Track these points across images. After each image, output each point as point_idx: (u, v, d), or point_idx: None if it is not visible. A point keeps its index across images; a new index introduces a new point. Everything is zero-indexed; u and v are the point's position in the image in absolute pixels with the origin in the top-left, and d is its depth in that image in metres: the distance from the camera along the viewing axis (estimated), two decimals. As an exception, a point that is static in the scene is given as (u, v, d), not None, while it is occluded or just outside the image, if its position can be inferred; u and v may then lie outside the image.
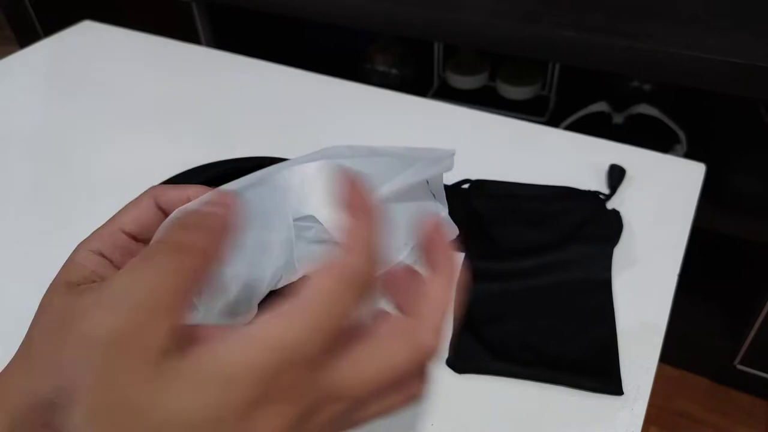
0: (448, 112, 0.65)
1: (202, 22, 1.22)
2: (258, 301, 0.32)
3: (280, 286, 0.31)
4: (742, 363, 1.16)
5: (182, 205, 0.33)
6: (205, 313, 0.33)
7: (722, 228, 1.00)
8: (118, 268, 0.32)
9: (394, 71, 1.32)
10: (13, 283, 0.46)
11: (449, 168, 0.33)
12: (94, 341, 0.22)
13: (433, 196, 0.34)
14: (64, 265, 0.32)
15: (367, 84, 0.69)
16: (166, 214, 0.34)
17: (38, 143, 0.63)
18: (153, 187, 0.34)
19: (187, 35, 1.22)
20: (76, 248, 0.33)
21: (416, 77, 1.33)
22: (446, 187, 0.52)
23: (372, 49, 1.33)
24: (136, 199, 0.34)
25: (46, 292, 0.32)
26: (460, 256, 0.32)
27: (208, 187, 0.34)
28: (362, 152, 0.32)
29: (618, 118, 1.09)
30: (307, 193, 0.31)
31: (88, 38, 0.83)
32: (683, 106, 1.13)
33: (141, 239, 0.34)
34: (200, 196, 0.32)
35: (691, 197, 0.52)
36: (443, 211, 0.34)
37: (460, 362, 0.39)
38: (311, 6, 1.06)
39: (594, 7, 0.94)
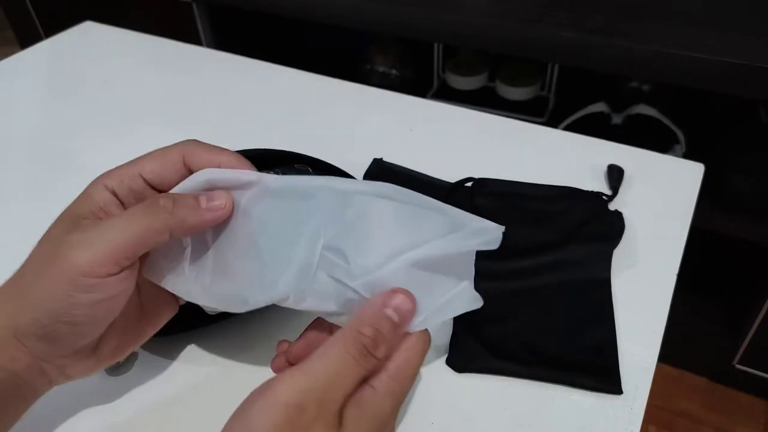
0: (447, 113, 0.65)
1: (203, 22, 1.22)
2: (255, 307, 0.31)
3: (285, 305, 0.31)
4: (741, 363, 1.16)
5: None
6: (201, 288, 0.32)
7: (721, 228, 1.00)
8: (125, 209, 0.32)
9: (394, 72, 1.32)
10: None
11: (495, 245, 0.31)
12: None
13: (463, 264, 0.32)
14: (78, 196, 0.32)
15: (367, 84, 0.69)
16: (190, 173, 0.33)
17: (39, 143, 0.63)
18: (186, 142, 0.33)
19: (188, 36, 1.22)
20: (94, 180, 0.32)
21: (416, 78, 1.33)
22: (449, 184, 0.53)
23: (372, 50, 1.33)
24: (166, 149, 0.33)
25: (55, 220, 0.32)
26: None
27: (242, 157, 0.33)
28: (413, 200, 0.30)
29: (617, 119, 1.09)
30: (357, 232, 0.30)
31: (89, 39, 0.83)
32: (682, 106, 1.13)
33: (156, 188, 0.33)
34: (232, 172, 0.32)
35: (689, 197, 0.52)
36: (467, 280, 0.32)
37: (459, 361, 0.39)
38: (311, 6, 1.06)
39: (593, 7, 0.94)
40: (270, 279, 0.30)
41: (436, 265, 0.30)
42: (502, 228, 0.31)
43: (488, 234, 0.31)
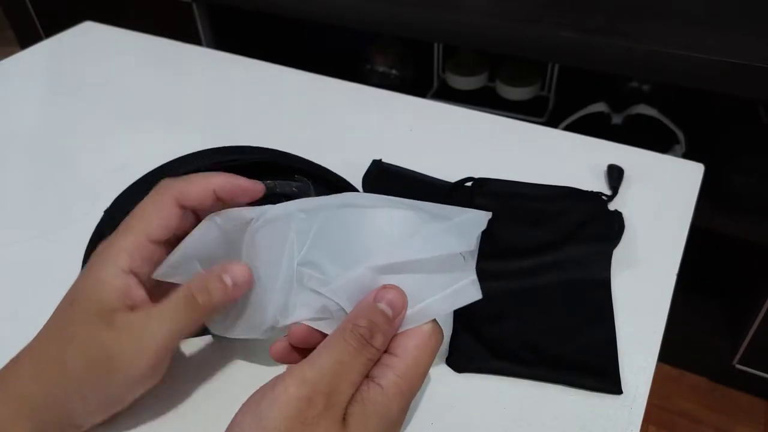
0: (447, 113, 0.65)
1: (203, 22, 1.22)
2: (274, 329, 0.34)
3: (279, 325, 0.33)
4: (741, 362, 1.16)
5: (207, 199, 0.34)
6: (234, 324, 0.35)
7: (721, 228, 1.00)
8: (144, 283, 0.32)
9: (394, 72, 1.32)
10: (12, 284, 0.46)
11: (471, 246, 0.31)
12: None
13: (463, 257, 0.32)
14: (88, 282, 0.32)
15: (367, 84, 0.69)
16: (193, 212, 0.34)
17: (39, 144, 0.63)
18: (169, 187, 0.33)
19: (188, 36, 1.22)
20: (100, 265, 0.32)
21: (416, 78, 1.33)
22: (449, 184, 0.53)
23: (372, 50, 1.33)
24: (156, 202, 0.33)
25: (67, 304, 0.32)
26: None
27: (232, 174, 0.34)
28: (381, 202, 0.32)
29: (617, 119, 1.10)
30: (325, 244, 0.32)
31: (89, 39, 0.83)
32: (682, 106, 1.14)
33: (163, 243, 0.33)
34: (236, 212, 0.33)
35: (689, 197, 0.52)
36: (470, 276, 0.31)
37: (459, 361, 0.39)
38: (311, 6, 1.06)
39: (593, 7, 0.94)
40: (265, 301, 0.33)
41: (412, 266, 0.31)
42: (489, 214, 0.31)
43: (469, 230, 0.31)
